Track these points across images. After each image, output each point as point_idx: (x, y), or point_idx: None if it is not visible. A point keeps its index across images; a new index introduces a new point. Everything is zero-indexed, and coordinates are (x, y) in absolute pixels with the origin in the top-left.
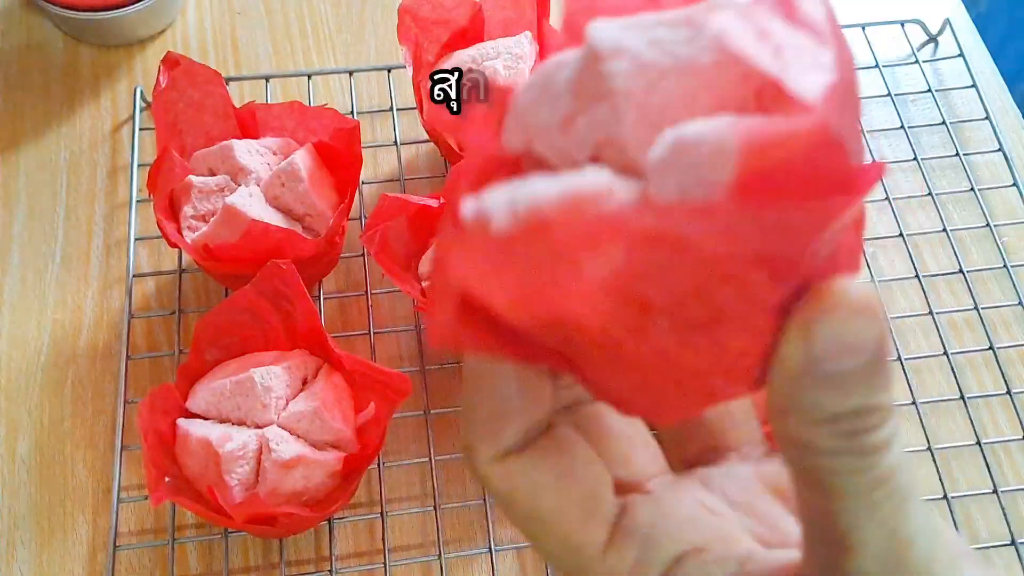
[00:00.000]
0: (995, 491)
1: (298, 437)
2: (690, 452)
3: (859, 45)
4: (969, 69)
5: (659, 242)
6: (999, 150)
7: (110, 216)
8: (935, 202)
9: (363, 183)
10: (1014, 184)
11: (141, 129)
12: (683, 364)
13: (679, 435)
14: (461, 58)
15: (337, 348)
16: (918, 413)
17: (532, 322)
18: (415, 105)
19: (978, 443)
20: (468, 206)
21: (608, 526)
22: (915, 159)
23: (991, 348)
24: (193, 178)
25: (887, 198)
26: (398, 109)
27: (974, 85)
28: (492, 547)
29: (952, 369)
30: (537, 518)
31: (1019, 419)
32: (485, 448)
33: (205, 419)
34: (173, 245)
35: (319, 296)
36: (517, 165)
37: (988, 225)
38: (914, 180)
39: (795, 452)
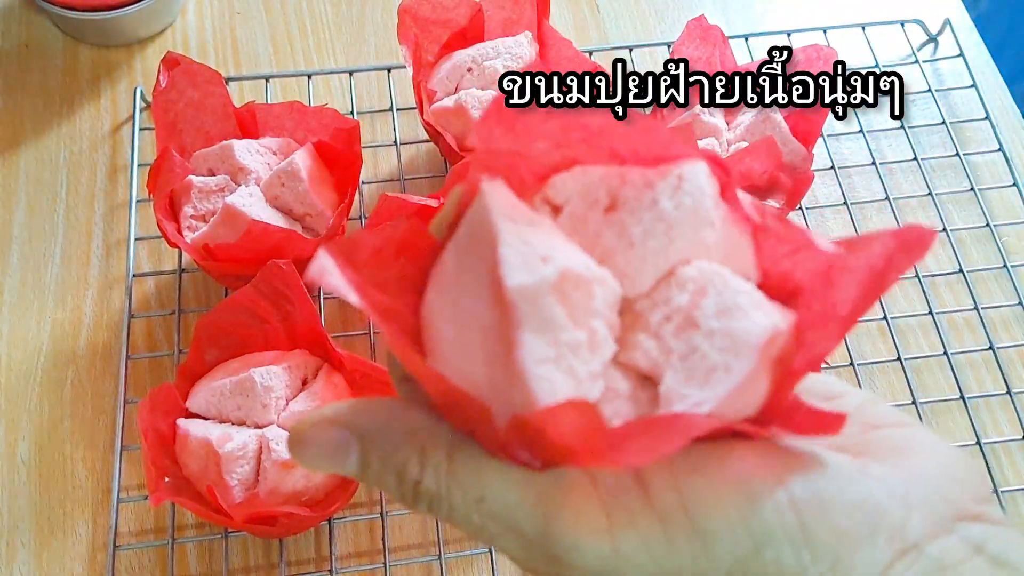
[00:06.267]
0: (995, 491)
1: None
2: None
3: (859, 45)
4: (969, 69)
5: None
6: (999, 150)
7: (110, 216)
8: (935, 202)
9: (363, 183)
10: (1014, 184)
11: (141, 129)
12: None
13: None
14: (461, 58)
15: (337, 348)
16: (918, 413)
17: None
18: (415, 105)
19: (978, 443)
20: None
21: None
22: (915, 159)
23: (991, 348)
24: (193, 178)
25: (887, 198)
26: (398, 109)
27: (974, 85)
28: (492, 547)
29: (952, 369)
30: None
31: (1019, 419)
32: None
33: (205, 419)
34: (173, 245)
35: (319, 296)
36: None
37: (988, 225)
38: (914, 180)
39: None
